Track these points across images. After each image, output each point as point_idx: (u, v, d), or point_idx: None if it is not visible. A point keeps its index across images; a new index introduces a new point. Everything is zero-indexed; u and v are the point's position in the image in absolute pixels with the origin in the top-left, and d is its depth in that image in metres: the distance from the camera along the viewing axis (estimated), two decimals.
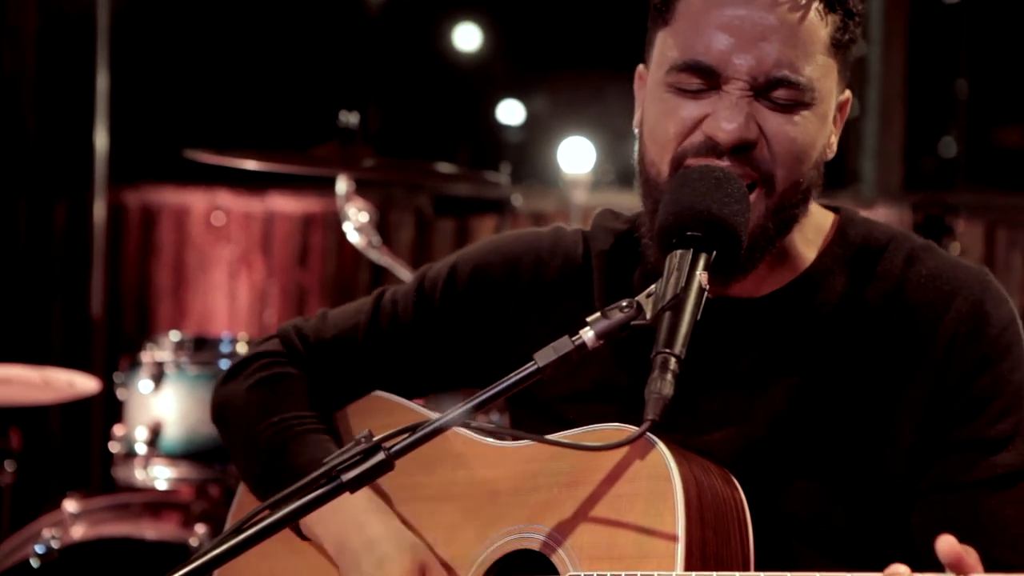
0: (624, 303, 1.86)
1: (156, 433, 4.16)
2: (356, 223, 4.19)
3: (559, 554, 1.98)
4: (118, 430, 4.26)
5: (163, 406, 4.19)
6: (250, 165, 4.43)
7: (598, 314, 1.86)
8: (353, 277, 6.68)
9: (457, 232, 6.71)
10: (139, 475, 4.17)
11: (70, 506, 4.17)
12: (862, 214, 2.15)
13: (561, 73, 7.71)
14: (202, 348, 4.26)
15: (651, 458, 1.92)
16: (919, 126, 7.23)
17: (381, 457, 1.80)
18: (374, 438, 1.81)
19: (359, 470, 1.79)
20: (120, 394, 4.31)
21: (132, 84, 6.63)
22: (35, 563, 3.96)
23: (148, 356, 4.25)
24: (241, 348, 4.26)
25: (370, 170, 4.32)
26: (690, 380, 1.93)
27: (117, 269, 6.72)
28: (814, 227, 2.10)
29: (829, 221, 2.13)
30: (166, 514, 4.23)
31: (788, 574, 1.79)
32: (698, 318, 1.83)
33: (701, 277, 1.86)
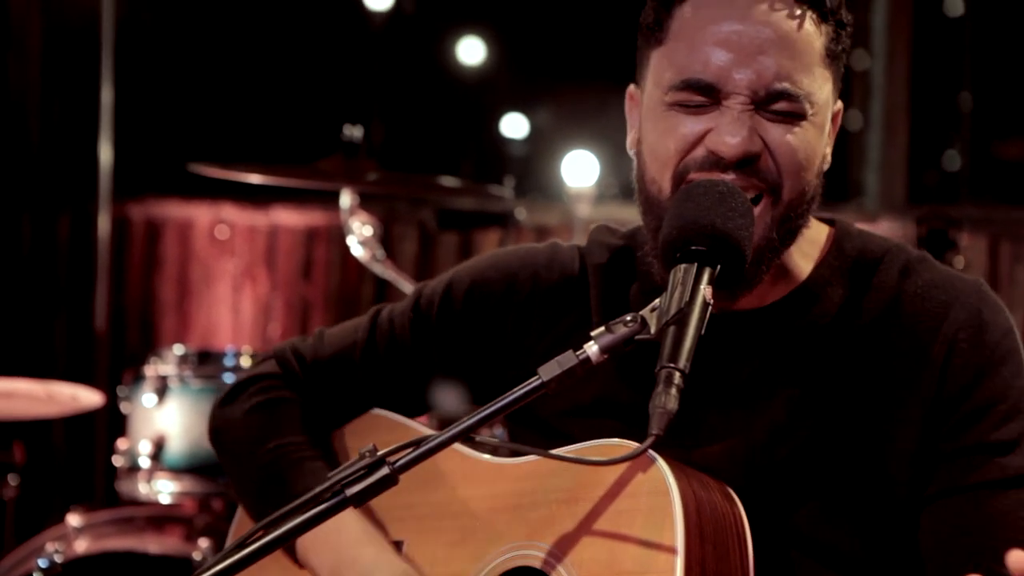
0: (628, 317, 1.86)
1: (160, 447, 4.16)
2: (360, 237, 4.19)
3: (559, 571, 1.97)
4: (122, 444, 4.26)
5: (167, 420, 4.19)
6: (254, 179, 4.44)
7: (602, 328, 1.86)
8: (357, 291, 6.68)
9: (461, 246, 6.71)
10: (142, 489, 4.17)
11: (73, 520, 4.17)
12: (857, 226, 2.16)
13: (565, 87, 7.71)
14: (206, 362, 4.26)
15: (650, 474, 1.92)
16: (923, 139, 7.23)
17: (385, 472, 1.79)
18: (378, 452, 1.80)
19: (363, 484, 1.79)
20: (124, 408, 4.30)
21: (136, 98, 6.64)
22: None
23: (152, 370, 4.25)
24: (245, 362, 4.26)
25: (374, 184, 4.33)
26: (690, 393, 1.94)
27: (121, 282, 6.72)
28: (810, 239, 2.11)
29: (824, 233, 2.14)
30: (169, 528, 4.22)
31: None
32: (702, 332, 1.84)
33: (705, 291, 1.86)
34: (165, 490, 4.16)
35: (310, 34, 7.36)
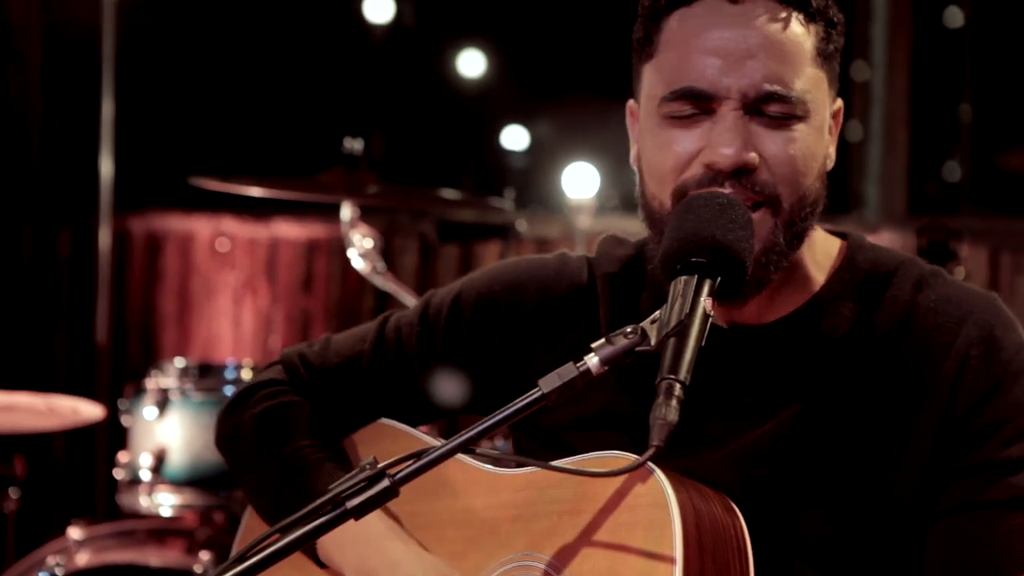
0: (628, 329, 1.86)
1: (160, 460, 4.16)
2: (360, 249, 4.20)
3: None
4: (122, 457, 4.26)
5: (167, 433, 4.19)
6: (255, 192, 4.44)
7: (603, 340, 1.86)
8: (357, 303, 6.68)
9: (461, 258, 6.71)
10: (143, 502, 4.17)
11: (74, 533, 4.17)
12: (869, 240, 2.15)
13: (565, 99, 7.72)
14: (207, 375, 4.26)
15: (649, 486, 1.92)
16: (923, 150, 7.24)
17: (386, 484, 1.79)
18: (379, 465, 1.81)
19: (364, 497, 1.79)
20: (124, 421, 4.30)
21: (137, 111, 6.65)
22: None
23: (152, 383, 4.25)
24: (246, 374, 4.26)
25: (374, 196, 4.33)
26: (697, 406, 1.93)
27: (122, 295, 6.72)
28: (822, 252, 2.11)
29: (837, 247, 2.13)
30: (170, 541, 4.22)
31: None
32: (703, 344, 1.83)
33: (706, 303, 1.86)
34: (166, 503, 4.16)
35: (310, 47, 7.37)
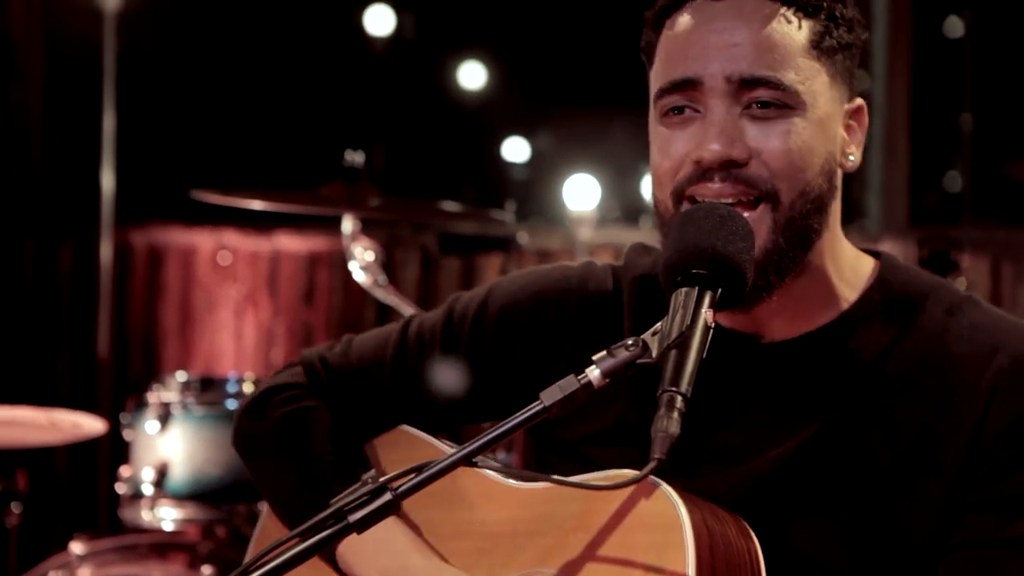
0: (630, 341, 1.85)
1: (162, 474, 4.15)
2: (362, 262, 4.20)
3: None
4: (124, 471, 4.26)
5: (169, 447, 4.19)
6: (256, 205, 4.44)
7: (604, 352, 1.85)
8: (359, 316, 6.68)
9: (462, 270, 6.71)
10: (145, 516, 4.16)
11: (77, 548, 4.16)
12: (904, 262, 2.12)
13: (566, 111, 7.73)
14: (208, 388, 4.26)
15: (663, 507, 1.90)
16: (924, 161, 7.24)
17: (388, 498, 1.79)
18: (380, 479, 1.80)
19: (366, 511, 1.79)
20: (126, 435, 4.30)
21: (138, 124, 6.66)
22: None
23: (154, 397, 4.25)
24: (248, 388, 4.26)
25: (376, 209, 4.33)
26: (715, 421, 1.94)
27: (123, 309, 6.72)
28: (853, 271, 2.08)
29: (870, 266, 2.10)
30: (173, 555, 4.22)
31: None
32: (704, 356, 1.83)
33: (707, 315, 1.85)
34: (168, 517, 4.16)
35: (311, 60, 7.38)
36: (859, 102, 2.07)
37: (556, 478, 1.96)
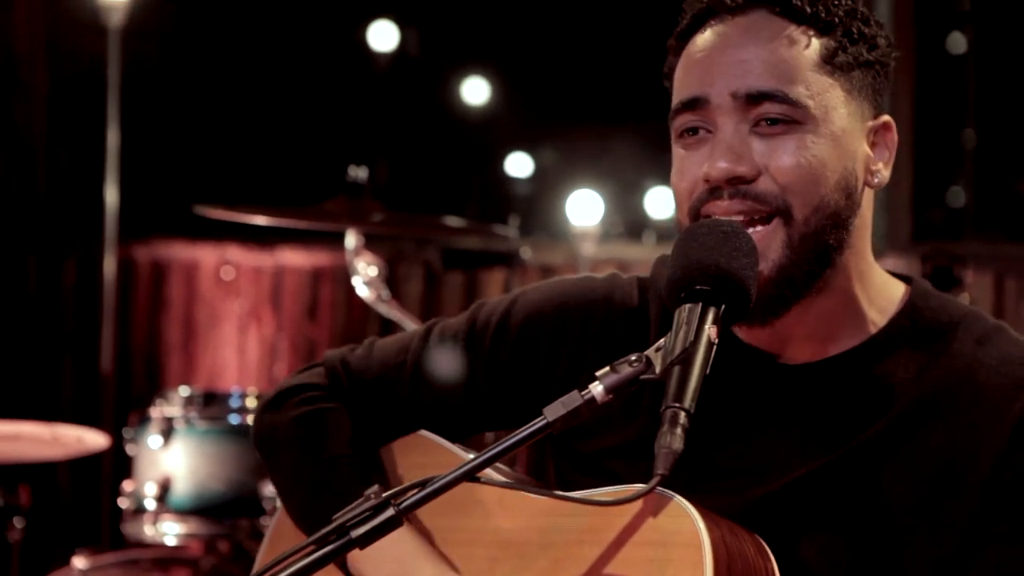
0: (633, 357, 1.85)
1: (165, 489, 4.16)
2: (365, 277, 4.20)
3: None
4: (127, 486, 4.26)
5: (172, 461, 4.19)
6: (259, 220, 4.45)
7: (607, 368, 1.85)
8: (362, 330, 6.68)
9: (466, 285, 6.72)
10: (148, 531, 4.16)
11: (79, 563, 4.16)
12: (935, 290, 2.11)
13: (569, 126, 7.74)
14: (211, 403, 4.27)
15: (682, 523, 1.89)
16: (927, 176, 7.24)
17: (391, 513, 1.79)
18: (384, 494, 1.80)
19: (368, 526, 1.79)
20: (129, 450, 4.31)
21: (142, 140, 6.66)
22: None
23: (157, 411, 4.25)
24: (250, 403, 4.26)
25: (379, 224, 4.34)
26: (735, 438, 1.95)
27: (127, 324, 6.73)
28: (882, 295, 2.07)
29: (900, 291, 2.09)
30: (175, 570, 4.22)
31: None
32: (707, 371, 1.82)
33: (710, 331, 1.85)
34: (171, 532, 4.16)
35: (315, 76, 7.39)
36: (885, 119, 2.05)
37: (559, 493, 1.96)
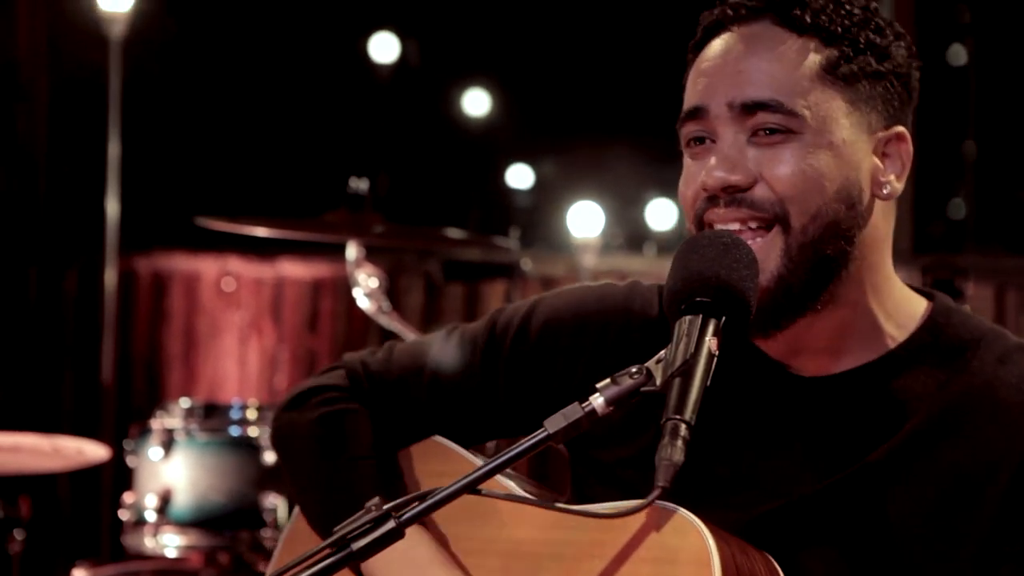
0: (634, 369, 1.85)
1: (166, 500, 4.15)
2: (366, 288, 4.20)
3: None
4: (128, 498, 4.25)
5: (173, 473, 4.19)
6: (260, 232, 4.45)
7: (608, 380, 1.85)
8: (363, 342, 6.68)
9: (466, 297, 6.71)
10: (149, 543, 4.16)
11: (80, 575, 4.16)
12: (959, 306, 2.09)
13: (570, 138, 7.74)
14: (212, 415, 4.26)
15: (692, 540, 1.88)
16: (927, 188, 7.25)
17: (391, 526, 1.79)
18: (384, 506, 1.80)
19: (369, 539, 1.79)
20: (130, 461, 4.30)
21: (143, 151, 6.67)
22: None
23: (158, 423, 4.25)
24: (251, 415, 4.26)
25: (380, 236, 4.34)
26: (748, 450, 1.94)
27: (127, 336, 6.73)
28: (902, 310, 2.06)
29: (922, 307, 2.08)
30: None
31: None
32: (708, 383, 1.81)
33: (711, 343, 1.85)
34: (171, 544, 4.15)
35: (316, 87, 7.40)
36: (898, 130, 2.04)
37: (559, 506, 1.96)
